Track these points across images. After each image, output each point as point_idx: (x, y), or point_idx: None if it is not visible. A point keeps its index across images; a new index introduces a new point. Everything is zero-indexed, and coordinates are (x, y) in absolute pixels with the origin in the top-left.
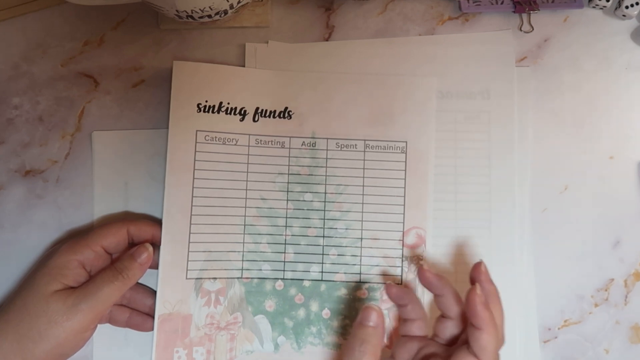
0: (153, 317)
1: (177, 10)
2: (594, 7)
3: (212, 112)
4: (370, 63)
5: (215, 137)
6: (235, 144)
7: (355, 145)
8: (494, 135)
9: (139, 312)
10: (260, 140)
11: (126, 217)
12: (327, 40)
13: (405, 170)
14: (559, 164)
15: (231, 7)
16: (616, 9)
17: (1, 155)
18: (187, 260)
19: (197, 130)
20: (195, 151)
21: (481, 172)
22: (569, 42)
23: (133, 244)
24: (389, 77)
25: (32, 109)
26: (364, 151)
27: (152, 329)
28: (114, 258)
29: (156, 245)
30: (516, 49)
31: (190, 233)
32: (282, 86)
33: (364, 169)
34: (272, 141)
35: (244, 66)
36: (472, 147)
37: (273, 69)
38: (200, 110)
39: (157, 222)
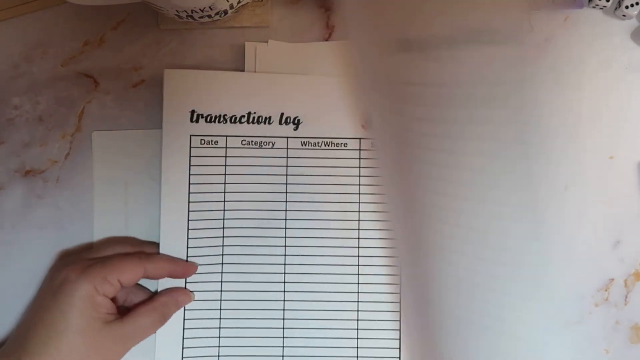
0: None
1: (177, 10)
2: (594, 7)
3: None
4: None
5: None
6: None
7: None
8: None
9: None
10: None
11: (140, 253)
12: (327, 40)
13: None
14: (559, 164)
15: (231, 7)
16: (616, 9)
17: (1, 155)
18: None
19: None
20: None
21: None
22: (569, 42)
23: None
24: None
25: (32, 109)
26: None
27: None
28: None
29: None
30: None
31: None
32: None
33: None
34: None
35: (243, 67)
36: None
37: (273, 68)
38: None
39: (172, 259)
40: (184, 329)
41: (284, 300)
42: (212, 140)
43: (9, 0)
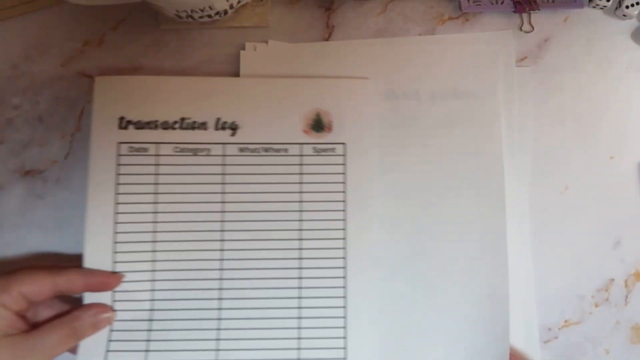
0: None
1: (177, 10)
2: (594, 7)
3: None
4: (370, 63)
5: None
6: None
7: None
8: (493, 136)
9: None
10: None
11: (54, 266)
12: (327, 40)
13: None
14: (559, 164)
15: (231, 7)
16: (616, 9)
17: (1, 155)
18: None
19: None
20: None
21: (477, 172)
22: (569, 42)
23: (61, 295)
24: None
25: (32, 109)
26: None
27: None
28: (67, 310)
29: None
30: (516, 49)
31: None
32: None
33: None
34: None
35: (238, 71)
36: (470, 148)
37: (273, 68)
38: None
39: (88, 271)
40: (109, 343)
41: (219, 319)
42: (141, 148)
43: (9, 0)
